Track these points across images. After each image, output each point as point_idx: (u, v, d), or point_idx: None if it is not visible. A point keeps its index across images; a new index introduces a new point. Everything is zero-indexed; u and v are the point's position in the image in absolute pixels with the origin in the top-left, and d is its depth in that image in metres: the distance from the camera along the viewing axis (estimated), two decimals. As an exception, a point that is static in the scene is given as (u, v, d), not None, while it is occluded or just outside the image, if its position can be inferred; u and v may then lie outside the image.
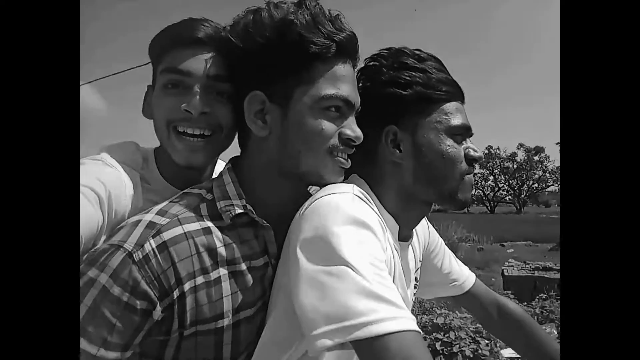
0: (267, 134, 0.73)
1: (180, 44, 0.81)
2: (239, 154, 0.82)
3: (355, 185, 0.75)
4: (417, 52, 0.81)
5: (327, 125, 0.72)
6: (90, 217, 0.69)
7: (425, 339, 2.83)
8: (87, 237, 0.68)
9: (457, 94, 0.81)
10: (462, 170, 0.78)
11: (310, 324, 0.57)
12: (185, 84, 0.79)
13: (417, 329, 0.57)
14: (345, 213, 0.64)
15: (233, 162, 0.80)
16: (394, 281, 0.75)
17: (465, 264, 1.12)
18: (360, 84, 0.81)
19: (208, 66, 0.79)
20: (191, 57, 0.80)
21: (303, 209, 0.68)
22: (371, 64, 0.83)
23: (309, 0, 0.71)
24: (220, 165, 0.96)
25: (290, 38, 0.69)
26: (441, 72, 0.80)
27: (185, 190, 0.77)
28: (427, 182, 0.78)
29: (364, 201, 0.70)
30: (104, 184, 0.73)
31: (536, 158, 51.28)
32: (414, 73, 0.79)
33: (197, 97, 0.78)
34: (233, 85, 0.78)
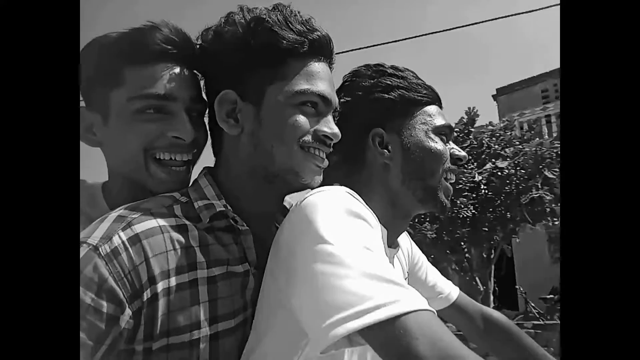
0: (239, 131, 0.72)
1: (145, 60, 0.73)
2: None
3: (344, 187, 0.73)
4: (393, 65, 0.87)
5: (302, 120, 0.70)
6: None
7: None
8: None
9: (435, 98, 0.86)
10: (446, 168, 0.82)
11: (316, 320, 0.53)
12: (168, 109, 0.74)
13: (431, 308, 0.54)
14: (337, 205, 0.63)
15: (208, 170, 0.77)
16: None
17: None
18: (341, 100, 0.82)
19: (188, 87, 0.75)
20: (164, 74, 0.73)
21: (292, 209, 0.66)
22: (349, 79, 0.87)
23: (282, 4, 0.72)
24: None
25: (261, 34, 0.69)
26: (419, 79, 0.86)
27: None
28: (415, 179, 0.81)
29: (357, 199, 0.68)
30: None
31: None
32: (394, 78, 0.84)
33: (187, 122, 0.74)
34: (205, 89, 0.77)
